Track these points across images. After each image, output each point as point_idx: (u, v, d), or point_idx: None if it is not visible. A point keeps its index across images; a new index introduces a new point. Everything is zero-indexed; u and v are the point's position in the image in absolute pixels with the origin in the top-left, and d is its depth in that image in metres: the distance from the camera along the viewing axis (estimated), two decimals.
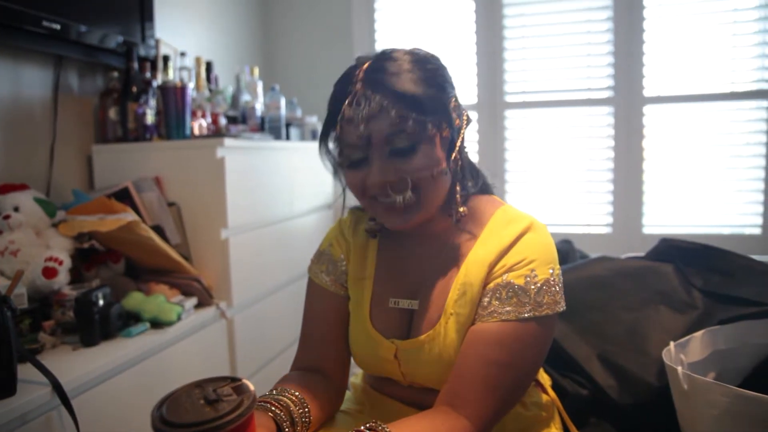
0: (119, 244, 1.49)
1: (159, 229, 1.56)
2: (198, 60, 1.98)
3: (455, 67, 2.57)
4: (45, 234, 1.40)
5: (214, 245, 1.64)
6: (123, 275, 1.54)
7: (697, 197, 2.33)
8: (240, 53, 2.61)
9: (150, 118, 1.70)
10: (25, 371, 1.05)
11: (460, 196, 0.83)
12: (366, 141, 0.76)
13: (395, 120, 0.74)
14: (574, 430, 0.96)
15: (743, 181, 2.27)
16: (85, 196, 1.55)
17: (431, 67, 0.79)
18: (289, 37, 2.82)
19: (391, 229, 0.85)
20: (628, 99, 2.37)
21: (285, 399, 0.76)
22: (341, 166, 0.83)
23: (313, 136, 2.35)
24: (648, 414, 1.04)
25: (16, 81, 1.53)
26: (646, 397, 1.03)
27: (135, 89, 1.69)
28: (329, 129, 0.82)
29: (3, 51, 1.48)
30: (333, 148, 0.84)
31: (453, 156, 0.81)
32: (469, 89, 2.58)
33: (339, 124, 0.78)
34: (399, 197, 0.77)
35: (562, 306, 0.79)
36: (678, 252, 1.21)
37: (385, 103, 0.74)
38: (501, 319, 0.76)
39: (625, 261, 1.25)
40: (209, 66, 2.10)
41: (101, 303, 1.28)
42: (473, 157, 1.18)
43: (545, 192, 2.52)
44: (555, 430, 0.93)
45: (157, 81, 1.77)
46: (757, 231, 2.26)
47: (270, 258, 1.90)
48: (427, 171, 0.77)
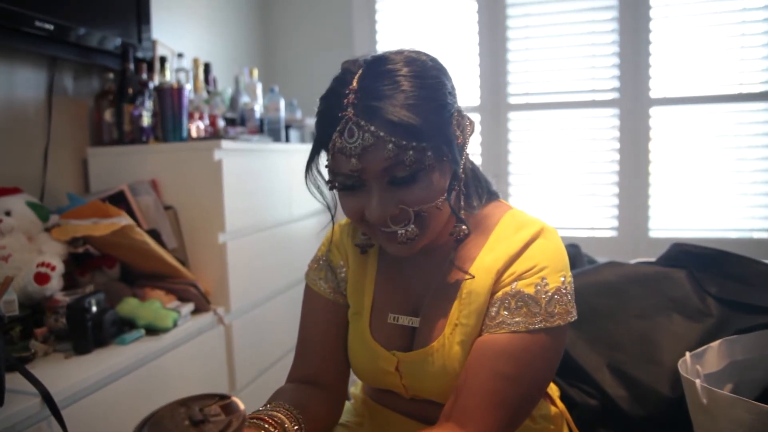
0: (114, 248, 1.46)
1: (155, 233, 1.52)
2: (196, 61, 1.94)
3: (457, 69, 2.54)
4: (37, 239, 1.37)
5: (211, 249, 1.61)
6: (118, 281, 1.50)
7: (705, 200, 2.29)
8: (239, 54, 2.58)
9: (146, 120, 1.67)
10: (14, 380, 1.01)
11: (464, 212, 0.78)
12: (361, 171, 0.69)
13: (393, 152, 0.66)
14: None
15: (751, 184, 2.24)
16: (81, 199, 1.52)
17: (432, 82, 0.70)
18: (289, 38, 2.79)
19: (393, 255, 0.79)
20: (633, 100, 2.33)
21: (279, 415, 0.72)
22: (334, 188, 0.76)
23: (313, 137, 2.31)
24: (660, 426, 1.00)
25: (9, 82, 1.50)
26: (658, 409, 0.99)
27: (131, 91, 1.66)
28: (316, 155, 0.76)
29: None
30: (323, 170, 0.77)
31: (458, 170, 0.74)
32: (472, 91, 2.55)
33: (330, 152, 0.71)
34: (401, 231, 0.71)
35: (573, 315, 0.75)
36: (691, 257, 1.17)
37: (382, 134, 0.66)
38: (510, 331, 0.72)
39: (636, 266, 1.21)
40: (207, 67, 2.07)
41: (94, 309, 1.25)
42: (476, 160, 1.13)
43: (549, 195, 2.49)
44: None
45: (154, 82, 1.74)
46: (766, 235, 2.22)
47: (269, 262, 1.87)
48: (430, 201, 0.71)
